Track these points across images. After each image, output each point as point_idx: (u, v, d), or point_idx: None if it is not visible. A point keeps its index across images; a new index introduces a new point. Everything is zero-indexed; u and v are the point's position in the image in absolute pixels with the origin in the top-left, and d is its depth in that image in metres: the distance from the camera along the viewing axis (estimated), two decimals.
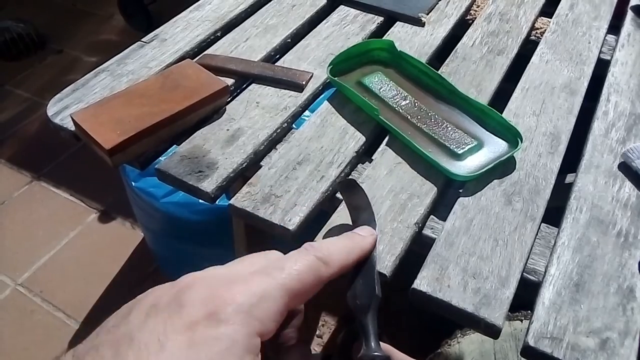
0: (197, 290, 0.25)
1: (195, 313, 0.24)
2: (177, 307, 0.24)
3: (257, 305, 0.25)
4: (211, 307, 0.24)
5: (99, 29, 2.15)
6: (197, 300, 0.24)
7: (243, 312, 0.24)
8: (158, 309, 0.24)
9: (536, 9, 0.71)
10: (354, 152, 0.51)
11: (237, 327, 0.23)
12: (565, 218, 0.45)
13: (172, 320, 0.23)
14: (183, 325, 0.23)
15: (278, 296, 0.26)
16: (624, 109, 0.56)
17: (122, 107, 0.50)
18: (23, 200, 1.50)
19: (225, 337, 0.23)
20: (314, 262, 0.28)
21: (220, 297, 0.24)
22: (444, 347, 0.83)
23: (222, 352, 0.23)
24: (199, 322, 0.23)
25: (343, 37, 0.65)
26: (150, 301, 0.25)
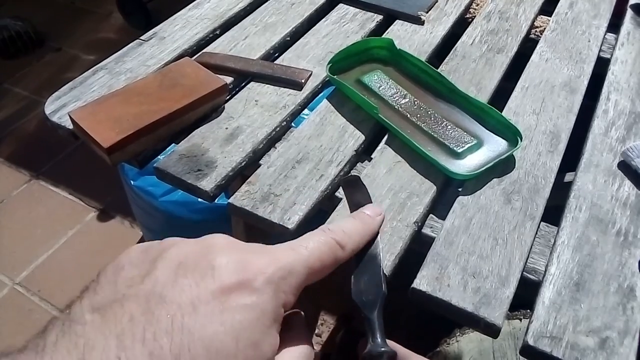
0: (227, 254, 0.25)
1: (227, 278, 0.24)
2: (208, 269, 0.24)
3: (285, 278, 0.25)
4: (244, 275, 0.24)
5: (97, 27, 2.15)
6: (229, 265, 0.24)
7: (273, 284, 0.25)
8: (187, 268, 0.24)
9: (536, 7, 0.71)
10: (353, 150, 0.50)
11: (267, 297, 0.24)
12: (564, 217, 0.45)
13: (205, 282, 0.23)
14: (216, 289, 0.23)
15: (302, 272, 0.26)
16: (623, 107, 0.56)
17: (120, 105, 0.50)
18: (21, 199, 1.49)
19: (257, 307, 0.24)
20: (333, 244, 0.29)
21: (253, 265, 0.25)
22: (443, 345, 0.83)
23: (253, 320, 0.23)
24: (232, 288, 0.23)
25: (342, 35, 0.65)
26: (176, 258, 0.25)
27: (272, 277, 0.25)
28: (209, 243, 0.26)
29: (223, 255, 0.25)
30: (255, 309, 0.23)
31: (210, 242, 0.26)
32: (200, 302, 0.23)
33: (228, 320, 0.22)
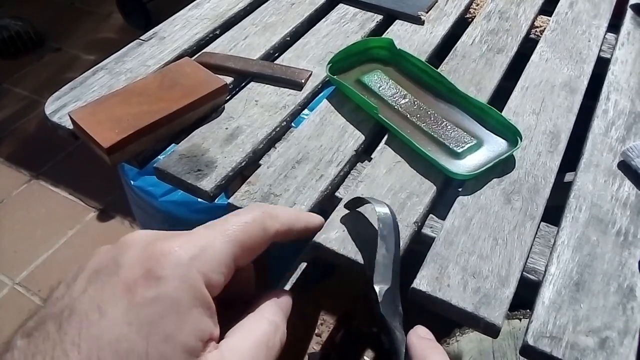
0: (135, 248, 0.24)
1: (132, 273, 0.22)
2: (115, 268, 0.23)
3: (198, 257, 0.23)
4: (148, 264, 0.23)
5: (97, 27, 2.15)
6: (134, 259, 0.23)
7: (182, 265, 0.23)
8: (98, 274, 0.23)
9: (536, 7, 0.71)
10: (353, 150, 0.50)
11: (176, 283, 0.22)
12: (564, 217, 0.45)
13: (111, 283, 0.22)
14: (121, 287, 0.22)
15: (222, 247, 0.25)
16: (623, 107, 0.56)
17: (120, 105, 0.50)
18: (21, 199, 1.49)
19: (164, 297, 0.22)
20: (259, 215, 0.27)
21: (157, 252, 0.23)
22: (443, 346, 0.83)
23: (163, 313, 0.22)
24: (137, 282, 0.22)
25: (342, 35, 0.65)
26: (93, 266, 0.24)
27: (179, 259, 0.23)
28: (122, 242, 0.25)
29: (131, 249, 0.24)
30: (163, 299, 0.22)
31: (124, 240, 0.25)
32: (106, 305, 0.22)
33: (134, 318, 0.21)
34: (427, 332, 0.30)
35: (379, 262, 0.33)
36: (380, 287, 0.32)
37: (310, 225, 0.33)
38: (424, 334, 0.30)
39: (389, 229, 0.35)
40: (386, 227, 0.35)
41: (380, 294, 0.32)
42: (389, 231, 0.35)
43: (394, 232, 0.35)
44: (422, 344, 0.29)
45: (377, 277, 0.33)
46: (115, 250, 0.24)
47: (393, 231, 0.35)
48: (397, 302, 0.32)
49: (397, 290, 0.33)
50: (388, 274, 0.33)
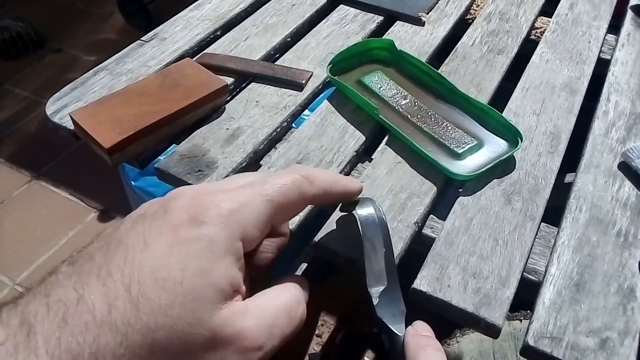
0: (182, 199, 0.26)
1: (178, 217, 0.25)
2: (162, 213, 0.26)
3: (238, 210, 0.26)
4: (193, 211, 0.25)
5: (98, 28, 2.15)
6: (182, 207, 0.26)
7: (224, 216, 0.25)
8: (145, 217, 0.26)
9: (536, 8, 0.71)
10: (353, 151, 0.50)
11: (217, 228, 0.25)
12: (565, 217, 0.45)
13: (157, 223, 0.25)
14: (167, 227, 0.25)
15: (260, 205, 0.27)
16: (624, 108, 0.56)
17: (121, 106, 0.50)
18: (22, 200, 1.49)
19: (204, 237, 0.24)
20: (298, 178, 0.29)
21: (203, 202, 0.26)
22: (443, 346, 0.83)
23: (201, 250, 0.24)
24: (182, 224, 0.25)
25: (343, 36, 0.65)
26: (140, 212, 0.27)
27: (222, 210, 0.25)
28: (170, 195, 0.27)
29: (178, 200, 0.26)
30: (203, 239, 0.24)
31: (172, 193, 0.27)
32: (152, 240, 0.24)
33: (175, 252, 0.24)
34: (424, 328, 0.30)
35: (368, 265, 0.33)
36: (375, 290, 0.32)
37: (349, 189, 0.34)
38: (420, 329, 0.30)
39: (374, 229, 0.34)
40: (370, 227, 0.34)
41: (375, 297, 0.31)
42: (374, 231, 0.34)
43: (380, 231, 0.34)
44: (415, 342, 0.29)
45: (370, 279, 0.32)
46: (164, 201, 0.27)
47: (379, 230, 0.34)
48: (397, 300, 0.32)
49: (396, 287, 0.32)
50: (381, 274, 0.32)
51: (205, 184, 0.29)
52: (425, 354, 0.28)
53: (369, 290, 0.32)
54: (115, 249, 0.24)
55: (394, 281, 0.32)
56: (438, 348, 0.29)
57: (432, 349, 0.29)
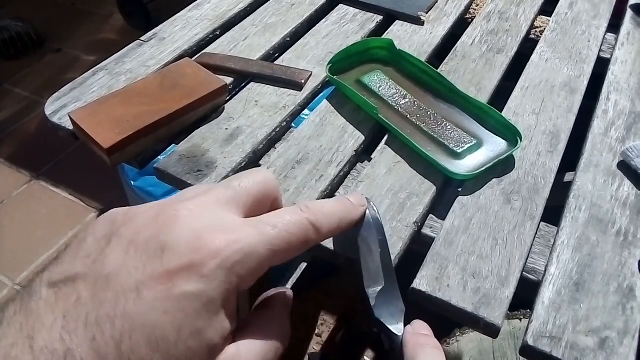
0: (180, 232, 0.24)
1: (176, 261, 0.23)
2: (158, 250, 0.23)
3: (241, 262, 0.24)
4: (193, 258, 0.23)
5: (97, 28, 2.15)
6: (179, 246, 0.23)
7: (226, 269, 0.23)
8: (138, 247, 0.23)
9: (535, 7, 0.71)
10: (353, 151, 0.50)
11: (217, 284, 0.23)
12: (564, 217, 0.45)
13: (152, 265, 0.23)
14: (162, 272, 0.22)
15: (264, 254, 0.25)
16: (623, 107, 0.56)
17: (120, 106, 0.50)
18: (22, 200, 1.49)
19: (203, 295, 0.23)
20: (306, 225, 0.27)
21: (206, 246, 0.23)
22: (443, 346, 0.83)
23: (198, 309, 0.22)
24: (180, 272, 0.23)
25: (342, 35, 0.65)
26: (130, 235, 0.24)
27: (225, 262, 0.23)
28: (168, 216, 0.24)
29: (176, 231, 0.24)
30: (201, 297, 0.23)
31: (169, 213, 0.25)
32: (145, 287, 0.22)
33: (171, 308, 0.22)
34: (423, 327, 0.30)
35: (364, 265, 0.33)
36: (372, 290, 0.32)
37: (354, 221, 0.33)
38: (419, 328, 0.30)
39: (368, 230, 0.34)
40: (364, 228, 0.34)
41: (372, 297, 0.31)
42: (369, 232, 0.34)
43: (374, 231, 0.34)
44: (414, 341, 0.29)
45: (367, 280, 0.32)
46: (158, 228, 0.24)
47: (374, 230, 0.34)
48: (395, 300, 0.31)
49: (394, 287, 0.32)
50: (378, 274, 0.32)
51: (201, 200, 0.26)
52: (423, 353, 0.28)
53: (366, 291, 0.32)
54: (104, 291, 0.22)
55: (391, 281, 0.32)
56: (437, 347, 0.28)
57: (431, 347, 0.28)
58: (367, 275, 0.32)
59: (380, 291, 0.32)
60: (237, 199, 0.27)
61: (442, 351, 0.28)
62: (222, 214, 0.26)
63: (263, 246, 0.25)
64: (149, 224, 0.24)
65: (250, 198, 0.28)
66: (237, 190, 0.27)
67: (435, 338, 0.29)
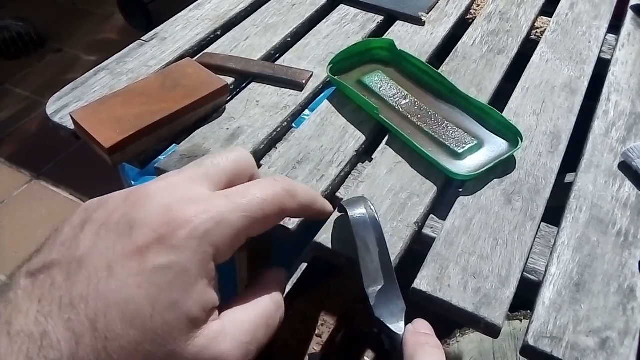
0: (149, 208, 0.24)
1: (145, 237, 0.23)
2: (127, 228, 0.23)
3: (212, 230, 0.23)
4: (163, 230, 0.23)
5: (98, 28, 2.15)
6: (148, 221, 0.23)
7: (197, 238, 0.23)
8: (108, 228, 0.23)
9: (536, 8, 0.71)
10: (354, 151, 0.50)
11: (189, 254, 0.23)
12: (565, 217, 0.45)
13: (122, 242, 0.23)
14: (133, 249, 0.22)
15: (237, 222, 0.24)
16: (624, 108, 0.56)
17: (121, 105, 0.50)
18: (22, 199, 1.49)
19: (175, 266, 0.22)
20: (279, 192, 0.27)
21: (175, 217, 0.23)
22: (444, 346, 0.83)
23: (172, 281, 0.22)
24: (150, 246, 0.22)
25: (343, 36, 0.65)
26: (102, 218, 0.24)
27: (195, 231, 0.23)
28: (135, 197, 0.24)
29: (145, 208, 0.24)
30: (173, 268, 0.22)
31: (137, 194, 0.24)
32: (116, 265, 0.22)
33: (144, 283, 0.22)
34: (424, 326, 0.30)
35: (363, 265, 0.33)
36: (371, 290, 0.32)
37: (324, 210, 0.33)
38: (420, 327, 0.29)
39: (365, 229, 0.34)
40: (361, 228, 0.34)
41: (372, 297, 0.31)
42: (366, 231, 0.34)
43: (372, 230, 0.34)
44: (414, 339, 0.29)
45: (367, 280, 0.32)
46: (128, 207, 0.24)
47: (371, 229, 0.34)
48: (396, 299, 0.31)
49: (394, 286, 0.32)
50: (377, 273, 0.32)
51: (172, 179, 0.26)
52: (423, 352, 0.28)
53: (366, 290, 0.32)
54: (76, 272, 0.22)
55: (391, 280, 0.32)
56: (437, 346, 0.28)
57: (431, 346, 0.28)
58: (366, 275, 0.32)
59: (379, 290, 0.32)
60: (209, 176, 0.27)
61: (442, 350, 0.28)
62: (193, 188, 0.26)
63: (235, 214, 0.25)
64: (119, 205, 0.24)
65: (224, 175, 0.27)
66: (209, 167, 0.27)
67: (436, 337, 0.29)
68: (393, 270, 0.33)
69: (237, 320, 0.25)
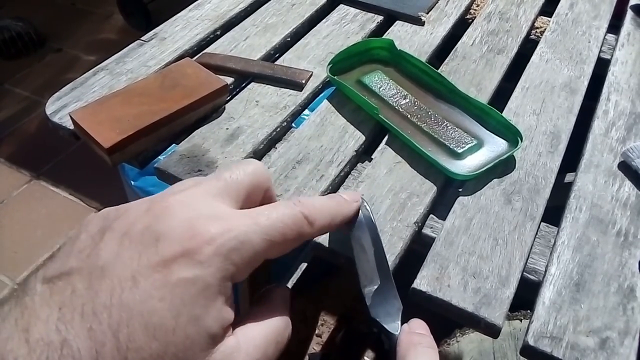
0: (173, 222, 0.24)
1: (171, 249, 0.23)
2: (152, 240, 0.23)
3: (236, 249, 0.24)
4: (188, 245, 0.23)
5: (98, 28, 2.15)
6: (174, 234, 0.23)
7: (222, 255, 0.23)
8: (132, 239, 0.23)
9: (536, 8, 0.71)
10: (353, 151, 0.50)
11: (212, 270, 0.23)
12: (565, 217, 0.45)
13: (147, 254, 0.23)
14: (158, 261, 0.22)
15: (258, 244, 0.25)
16: (624, 108, 0.56)
17: (121, 105, 0.50)
18: (22, 200, 1.49)
19: (200, 281, 0.22)
20: (300, 218, 0.27)
21: (201, 233, 0.23)
22: (443, 346, 0.83)
23: (195, 296, 0.22)
24: (175, 259, 0.22)
25: (343, 35, 0.65)
26: (123, 228, 0.24)
27: (220, 249, 0.23)
28: (160, 207, 0.24)
29: (170, 221, 0.24)
30: (197, 283, 0.22)
31: (160, 206, 0.24)
32: (141, 276, 0.22)
33: (168, 295, 0.22)
34: (420, 325, 0.29)
35: (359, 265, 0.33)
36: (368, 290, 0.32)
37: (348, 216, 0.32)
38: (415, 327, 0.29)
39: (360, 229, 0.34)
40: (356, 228, 0.34)
41: (368, 297, 0.31)
42: (362, 231, 0.34)
43: (366, 230, 0.34)
44: (407, 339, 0.28)
45: (363, 280, 0.32)
46: (151, 219, 0.24)
47: (366, 229, 0.34)
48: (392, 298, 0.31)
49: (390, 285, 0.32)
50: (373, 273, 0.32)
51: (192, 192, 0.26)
52: (415, 352, 0.27)
53: (362, 290, 0.32)
54: (99, 282, 0.22)
55: (387, 279, 0.32)
56: (430, 346, 0.28)
57: (423, 346, 0.28)
58: (362, 275, 0.32)
59: (376, 290, 0.32)
60: (229, 190, 0.27)
61: (436, 350, 0.28)
62: (214, 204, 0.26)
63: (258, 235, 0.25)
64: (142, 216, 0.24)
65: (242, 189, 0.27)
66: (228, 182, 0.27)
67: (431, 337, 0.29)
68: (389, 270, 0.33)
69: (250, 336, 0.25)
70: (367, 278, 0.32)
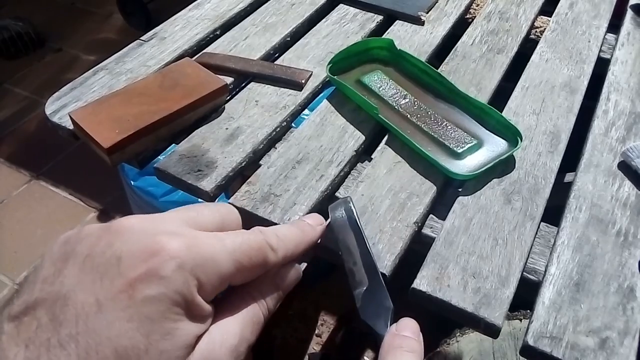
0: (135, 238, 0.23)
1: (133, 268, 0.22)
2: (113, 260, 0.22)
3: (200, 266, 0.23)
4: (151, 262, 0.22)
5: (97, 28, 2.15)
6: (135, 251, 0.23)
7: (186, 270, 0.23)
8: (93, 261, 0.23)
9: (536, 7, 0.71)
10: (353, 151, 0.50)
11: (178, 284, 0.22)
12: (564, 217, 0.45)
13: (109, 276, 0.22)
14: (122, 283, 0.22)
15: (227, 264, 0.24)
16: (624, 107, 0.56)
17: (120, 105, 0.50)
18: (22, 199, 1.49)
19: (165, 297, 0.22)
20: (264, 245, 0.27)
21: (163, 250, 0.23)
22: (443, 346, 0.83)
23: (164, 311, 0.22)
24: (139, 279, 0.22)
25: (342, 35, 0.65)
26: (85, 250, 0.23)
27: (184, 263, 0.23)
28: (117, 228, 0.24)
29: (130, 241, 0.23)
30: (164, 300, 0.22)
31: (118, 226, 0.24)
32: (106, 299, 0.21)
33: (135, 315, 0.21)
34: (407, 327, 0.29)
35: (347, 267, 0.32)
36: (357, 291, 0.31)
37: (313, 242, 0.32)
38: (402, 329, 0.29)
39: (344, 231, 0.34)
40: (340, 230, 0.34)
41: (357, 298, 0.31)
42: (346, 233, 0.34)
43: (351, 231, 0.34)
44: (390, 342, 0.28)
45: (352, 282, 0.32)
46: (111, 237, 0.23)
47: (350, 230, 0.34)
48: (382, 298, 0.31)
49: (379, 285, 0.32)
50: (361, 275, 0.32)
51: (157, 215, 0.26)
52: (394, 355, 0.27)
53: (353, 293, 0.32)
54: (62, 311, 0.21)
55: (375, 279, 0.32)
56: (412, 350, 0.27)
57: (404, 350, 0.27)
58: (351, 277, 0.32)
59: (365, 291, 0.31)
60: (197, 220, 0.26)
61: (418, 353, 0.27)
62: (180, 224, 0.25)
63: (224, 255, 0.24)
64: (102, 236, 0.24)
65: (210, 225, 0.27)
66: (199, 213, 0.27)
67: (417, 339, 0.28)
68: (377, 270, 0.32)
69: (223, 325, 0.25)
70: (356, 280, 0.32)
